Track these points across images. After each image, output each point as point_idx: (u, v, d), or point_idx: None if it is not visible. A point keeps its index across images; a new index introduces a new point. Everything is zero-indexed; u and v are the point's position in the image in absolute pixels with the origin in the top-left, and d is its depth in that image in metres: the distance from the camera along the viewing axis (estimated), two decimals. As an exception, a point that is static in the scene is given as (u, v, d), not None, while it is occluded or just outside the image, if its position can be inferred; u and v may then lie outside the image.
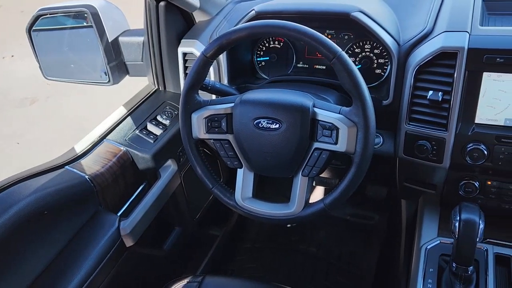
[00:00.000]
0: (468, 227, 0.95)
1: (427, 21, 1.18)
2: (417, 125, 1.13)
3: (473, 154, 1.08)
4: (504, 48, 1.00)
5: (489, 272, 1.05)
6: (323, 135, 0.99)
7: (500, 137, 1.05)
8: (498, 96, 1.04)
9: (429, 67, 1.09)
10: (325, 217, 2.12)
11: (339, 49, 0.93)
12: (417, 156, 1.15)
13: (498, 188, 1.14)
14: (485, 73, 1.03)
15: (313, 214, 1.04)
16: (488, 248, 1.11)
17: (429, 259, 1.12)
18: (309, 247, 1.97)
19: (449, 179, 1.18)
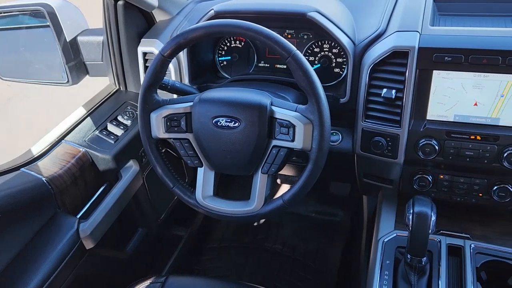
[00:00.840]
0: (420, 219, 0.99)
1: (381, 22, 1.22)
2: (372, 122, 1.17)
3: (425, 149, 1.12)
4: (451, 47, 1.04)
5: (442, 262, 1.09)
6: (280, 133, 1.01)
7: (450, 133, 1.10)
8: (447, 93, 1.08)
9: (383, 66, 1.12)
10: (290, 215, 2.15)
11: (294, 48, 0.95)
12: (373, 152, 1.19)
13: (450, 182, 1.18)
14: (435, 71, 1.07)
15: (273, 210, 1.06)
16: (441, 239, 1.15)
17: (386, 252, 1.15)
18: (275, 245, 1.99)
19: (404, 173, 1.22)
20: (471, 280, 1.04)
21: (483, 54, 1.02)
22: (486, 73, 1.04)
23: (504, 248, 1.12)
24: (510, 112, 1.05)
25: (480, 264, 1.08)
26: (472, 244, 1.13)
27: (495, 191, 1.14)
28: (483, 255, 1.10)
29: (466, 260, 1.09)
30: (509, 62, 1.00)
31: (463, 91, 1.07)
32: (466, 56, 1.03)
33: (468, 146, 1.09)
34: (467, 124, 1.09)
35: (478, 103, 1.07)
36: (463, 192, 1.19)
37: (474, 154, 1.09)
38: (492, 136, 1.07)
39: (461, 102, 1.08)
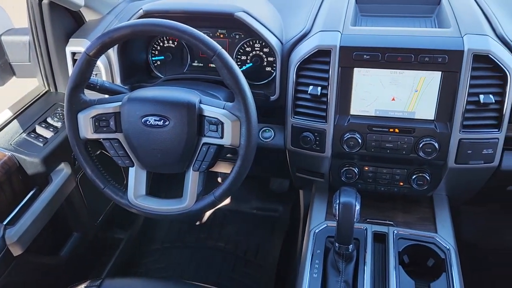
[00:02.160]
0: (346, 209, 1.04)
1: (306, 22, 1.27)
2: (301, 118, 1.22)
3: (349, 143, 1.18)
4: (369, 46, 1.11)
5: (367, 249, 1.16)
6: (209, 130, 1.03)
7: (372, 126, 1.17)
8: (367, 89, 1.15)
9: (308, 64, 1.17)
10: (233, 213, 2.18)
11: (219, 47, 0.98)
12: (303, 147, 1.24)
13: (374, 173, 1.26)
14: (355, 68, 1.14)
15: (205, 207, 1.08)
16: (368, 227, 1.22)
17: (317, 242, 1.20)
18: (217, 243, 2.01)
19: (332, 166, 1.28)
20: (394, 263, 1.11)
21: (397, 52, 1.10)
22: (401, 70, 1.11)
23: (423, 233, 1.21)
24: (423, 106, 1.13)
25: (402, 248, 1.16)
26: (395, 231, 1.20)
27: (414, 180, 1.23)
28: (405, 240, 1.18)
29: (390, 246, 1.16)
30: (421, 60, 1.08)
31: (382, 87, 1.14)
32: (382, 54, 1.10)
33: (388, 138, 1.17)
34: (386, 118, 1.17)
35: (396, 98, 1.15)
36: (386, 182, 1.26)
37: (393, 146, 1.17)
38: (409, 129, 1.15)
39: (380, 98, 1.15)
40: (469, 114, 1.10)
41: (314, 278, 1.10)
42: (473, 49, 1.06)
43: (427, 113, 1.14)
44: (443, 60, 1.07)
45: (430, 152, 1.14)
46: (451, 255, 1.14)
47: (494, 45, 1.09)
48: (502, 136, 1.12)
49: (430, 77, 1.10)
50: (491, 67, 1.08)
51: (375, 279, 1.10)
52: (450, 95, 1.10)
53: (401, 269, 1.11)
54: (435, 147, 1.13)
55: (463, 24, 1.14)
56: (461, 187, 1.29)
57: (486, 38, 1.09)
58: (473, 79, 1.08)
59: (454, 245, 1.18)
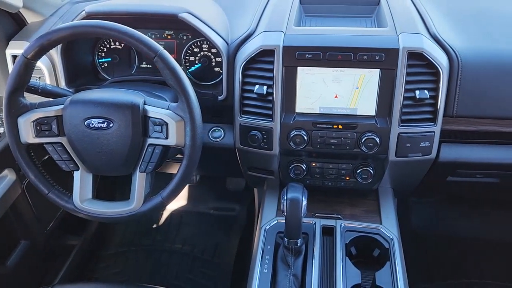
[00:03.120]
0: (293, 204, 1.07)
1: (251, 22, 1.29)
2: (248, 117, 1.24)
3: (296, 140, 1.21)
4: (311, 46, 1.14)
5: (316, 242, 1.19)
6: (154, 131, 1.03)
7: (316, 123, 1.20)
8: (311, 88, 1.19)
9: (253, 64, 1.20)
10: (190, 214, 2.17)
11: (160, 48, 0.98)
12: (251, 145, 1.26)
13: (321, 168, 1.30)
14: (299, 67, 1.17)
15: (153, 208, 1.08)
16: (316, 222, 1.25)
17: (267, 238, 1.23)
18: (174, 244, 2.00)
19: (281, 164, 1.31)
20: (341, 255, 1.15)
21: (338, 51, 1.14)
22: (343, 68, 1.15)
23: (369, 224, 1.26)
24: (364, 102, 1.18)
25: (349, 240, 1.20)
26: (342, 224, 1.25)
27: (359, 174, 1.27)
28: (351, 232, 1.22)
29: (337, 238, 1.20)
30: (360, 58, 1.13)
31: (325, 85, 1.18)
32: (324, 53, 1.14)
33: (332, 134, 1.20)
34: (330, 115, 1.21)
35: (338, 95, 1.19)
36: (332, 177, 1.31)
37: (337, 142, 1.21)
38: (351, 125, 1.19)
39: (324, 95, 1.19)
40: (407, 109, 1.16)
41: (264, 273, 1.12)
42: (408, 47, 1.12)
43: (368, 109, 1.19)
44: (381, 58, 1.12)
45: (372, 147, 1.19)
46: (395, 245, 1.19)
47: (427, 43, 1.14)
48: (437, 129, 1.18)
49: (370, 75, 1.15)
50: (425, 64, 1.13)
51: (323, 271, 1.14)
52: (389, 92, 1.15)
53: (347, 260, 1.15)
54: (376, 142, 1.18)
55: (399, 24, 1.20)
56: (404, 179, 1.35)
57: (419, 36, 1.15)
58: (409, 76, 1.13)
59: (398, 235, 1.23)
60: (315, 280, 1.10)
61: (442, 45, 1.18)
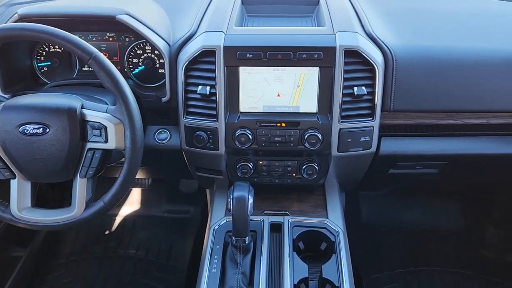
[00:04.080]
0: (239, 203, 1.08)
1: (193, 23, 1.29)
2: (193, 118, 1.24)
3: (241, 139, 1.22)
4: (252, 45, 1.16)
5: (264, 239, 1.21)
6: (93, 135, 1.01)
7: (260, 122, 1.22)
8: (254, 87, 1.20)
9: (195, 65, 1.20)
10: (144, 218, 2.14)
11: (95, 50, 0.96)
12: (197, 146, 1.26)
13: (267, 166, 1.32)
14: (241, 67, 1.18)
15: (95, 214, 1.06)
16: (264, 219, 1.27)
17: (216, 238, 1.23)
18: (128, 250, 1.97)
19: (228, 163, 1.32)
20: (288, 251, 1.17)
21: (278, 50, 1.16)
22: (283, 67, 1.18)
23: (316, 219, 1.28)
24: (306, 100, 1.21)
25: (296, 235, 1.22)
26: (290, 219, 1.27)
27: (304, 170, 1.30)
28: (299, 227, 1.25)
29: (285, 234, 1.22)
30: (299, 57, 1.15)
31: (267, 84, 1.20)
32: (264, 53, 1.16)
33: (276, 132, 1.22)
34: (273, 113, 1.22)
35: (281, 94, 1.21)
36: (279, 174, 1.33)
37: (281, 139, 1.23)
38: (294, 122, 1.21)
39: (266, 94, 1.21)
40: (346, 105, 1.19)
41: (213, 273, 1.13)
42: (344, 45, 1.15)
43: (310, 106, 1.21)
44: (319, 56, 1.15)
45: (315, 143, 1.22)
46: (340, 237, 1.22)
47: (363, 41, 1.19)
48: (376, 124, 1.23)
49: (309, 73, 1.18)
50: (361, 62, 1.18)
51: (271, 267, 1.15)
52: (328, 89, 1.18)
53: (295, 255, 1.17)
54: (319, 138, 1.21)
55: (336, 23, 1.24)
56: (348, 173, 1.40)
57: (355, 35, 1.19)
58: (347, 73, 1.17)
59: (343, 228, 1.27)
60: (263, 276, 1.11)
61: (377, 43, 1.22)
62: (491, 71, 1.25)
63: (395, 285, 1.80)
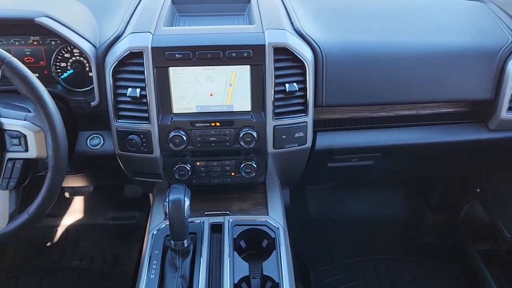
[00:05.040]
0: (175, 206, 1.06)
1: (120, 23, 1.26)
2: (124, 122, 1.20)
3: (175, 141, 1.21)
4: (180, 45, 1.14)
5: (204, 241, 1.20)
6: (12, 144, 0.96)
7: (194, 122, 1.21)
8: (186, 87, 1.19)
9: (123, 67, 1.17)
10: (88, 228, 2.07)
11: (8, 55, 0.91)
12: (130, 150, 1.23)
13: (205, 167, 1.30)
14: (170, 68, 1.16)
15: (20, 227, 1.00)
16: (205, 220, 1.26)
17: (155, 243, 1.20)
18: (71, 261, 1.89)
19: (165, 166, 1.30)
20: (228, 251, 1.17)
21: (207, 50, 1.15)
22: (214, 66, 1.17)
23: (257, 217, 1.29)
24: (239, 98, 1.20)
25: (237, 235, 1.22)
26: (230, 219, 1.26)
27: (243, 169, 1.30)
28: (239, 226, 1.25)
29: (225, 234, 1.22)
30: (229, 55, 1.15)
31: (199, 84, 1.18)
32: (193, 52, 1.14)
33: (210, 132, 1.22)
34: (207, 113, 1.21)
35: (214, 94, 1.20)
36: (218, 174, 1.32)
37: (216, 139, 1.22)
38: (228, 121, 1.21)
39: (199, 94, 1.20)
40: (279, 102, 1.20)
41: (151, 279, 1.10)
42: (273, 42, 1.16)
43: (244, 105, 1.21)
44: (249, 54, 1.15)
45: (250, 141, 1.22)
46: (280, 234, 1.23)
47: (291, 38, 1.20)
48: (309, 119, 1.25)
49: (241, 71, 1.17)
50: (290, 58, 1.19)
51: (211, 268, 1.14)
52: (260, 87, 1.19)
53: (235, 255, 1.17)
54: (254, 136, 1.21)
55: (265, 20, 1.24)
56: (287, 169, 1.41)
57: (284, 32, 1.20)
58: (277, 70, 1.18)
59: (284, 224, 1.28)
60: (202, 278, 1.10)
61: (306, 40, 1.24)
62: (417, 64, 1.30)
63: (343, 276, 1.84)
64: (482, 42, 1.33)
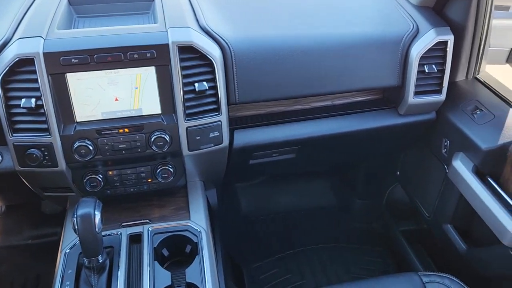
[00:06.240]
0: (84, 221, 0.99)
1: (8, 28, 1.15)
2: (22, 135, 1.10)
3: (80, 151, 1.13)
4: (76, 49, 1.06)
5: (121, 254, 1.13)
6: None
7: (100, 130, 1.13)
8: (88, 94, 1.11)
9: (14, 76, 1.07)
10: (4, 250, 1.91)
11: None
12: (31, 165, 1.13)
13: (119, 176, 1.23)
14: (68, 74, 1.08)
15: None
16: (122, 232, 1.19)
17: (68, 262, 1.13)
18: (-15, 290, 1.74)
19: (74, 178, 1.21)
20: (148, 261, 1.11)
21: (106, 52, 1.08)
22: (116, 69, 1.10)
23: (178, 222, 1.24)
24: (148, 101, 1.15)
25: (157, 243, 1.17)
26: (150, 228, 1.21)
27: (159, 174, 1.25)
28: (160, 234, 1.19)
29: (144, 244, 1.16)
30: (131, 57, 1.09)
31: (101, 89, 1.11)
32: (91, 56, 1.07)
33: (119, 139, 1.15)
34: (115, 119, 1.15)
35: (119, 98, 1.13)
36: (133, 182, 1.25)
37: (126, 146, 1.16)
38: (138, 126, 1.15)
39: (103, 100, 1.12)
40: (189, 103, 1.16)
41: None
42: (177, 41, 1.11)
43: (153, 108, 1.16)
44: (152, 55, 1.10)
45: (163, 145, 1.17)
46: (203, 237, 1.19)
47: (196, 36, 1.16)
48: (223, 118, 1.22)
49: (146, 73, 1.12)
50: (197, 57, 1.15)
51: (129, 281, 1.08)
52: (169, 88, 1.14)
53: (156, 264, 1.12)
54: (166, 140, 1.16)
55: (169, 18, 1.19)
56: (208, 171, 1.37)
57: (188, 30, 1.16)
58: (184, 70, 1.13)
59: (206, 226, 1.24)
60: None
61: (212, 37, 1.20)
62: (327, 56, 1.31)
63: (276, 271, 1.85)
64: (387, 31, 1.37)
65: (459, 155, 1.40)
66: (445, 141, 1.49)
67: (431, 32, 1.35)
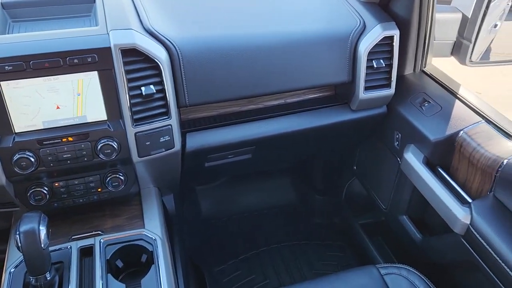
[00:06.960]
0: (28, 237, 0.94)
1: None
2: None
3: (21, 164, 1.06)
4: (9, 56, 1.00)
5: (72, 269, 1.08)
6: None
7: (42, 141, 1.07)
8: (26, 102, 1.05)
9: None
10: None
11: None
12: None
13: (66, 187, 1.17)
14: (2, 82, 1.01)
15: None
16: (72, 245, 1.14)
17: (13, 282, 1.06)
18: None
19: (17, 192, 1.14)
20: (100, 274, 1.07)
21: (43, 58, 1.02)
22: (56, 76, 1.04)
23: (133, 231, 1.19)
24: (92, 108, 1.10)
25: (110, 255, 1.12)
26: (102, 239, 1.16)
27: (109, 183, 1.20)
28: (113, 245, 1.14)
29: (96, 257, 1.11)
30: (70, 62, 1.03)
31: (41, 97, 1.05)
32: (27, 63, 1.01)
33: (63, 149, 1.09)
34: (58, 128, 1.09)
35: (60, 106, 1.08)
36: (82, 193, 1.20)
37: (71, 155, 1.10)
38: (82, 134, 1.10)
39: (43, 108, 1.06)
40: (136, 107, 1.12)
41: None
42: (119, 44, 1.07)
43: (98, 114, 1.11)
44: (93, 59, 1.05)
45: (110, 153, 1.12)
46: (158, 245, 1.16)
47: (140, 37, 1.12)
48: (174, 121, 1.18)
49: (88, 78, 1.07)
50: (142, 60, 1.11)
51: None
52: (114, 93, 1.09)
53: (109, 277, 1.07)
54: (114, 147, 1.12)
55: (111, 21, 1.14)
56: (162, 176, 1.34)
57: (130, 32, 1.12)
58: (129, 74, 1.09)
59: (162, 234, 1.20)
60: None
61: (158, 38, 1.17)
62: (276, 54, 1.30)
63: (240, 272, 1.83)
64: (334, 27, 1.38)
65: (410, 147, 1.43)
66: (396, 134, 1.51)
67: (377, 27, 1.37)
